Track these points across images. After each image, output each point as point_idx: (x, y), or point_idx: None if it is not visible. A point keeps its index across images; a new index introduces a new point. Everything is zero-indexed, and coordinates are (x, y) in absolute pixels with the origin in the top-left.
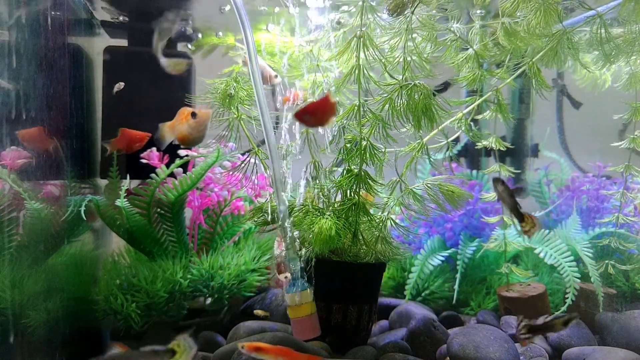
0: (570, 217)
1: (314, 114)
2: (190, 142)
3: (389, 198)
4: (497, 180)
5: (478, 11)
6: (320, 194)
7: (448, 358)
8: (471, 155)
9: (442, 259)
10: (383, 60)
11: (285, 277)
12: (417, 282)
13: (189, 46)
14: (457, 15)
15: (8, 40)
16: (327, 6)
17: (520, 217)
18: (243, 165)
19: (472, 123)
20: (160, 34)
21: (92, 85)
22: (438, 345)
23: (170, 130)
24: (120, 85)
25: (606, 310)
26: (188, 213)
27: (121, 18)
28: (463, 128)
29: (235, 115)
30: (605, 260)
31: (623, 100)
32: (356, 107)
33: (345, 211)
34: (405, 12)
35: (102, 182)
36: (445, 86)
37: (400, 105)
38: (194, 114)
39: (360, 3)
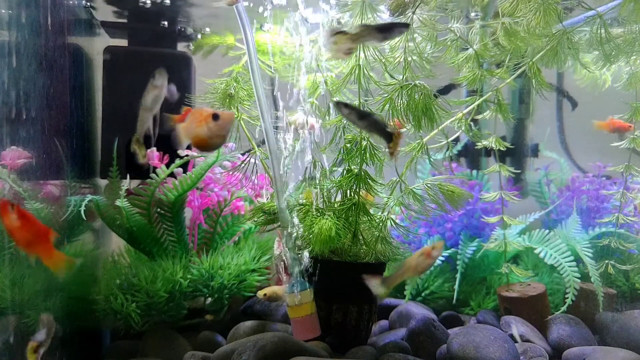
0: (570, 217)
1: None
2: (208, 147)
3: (389, 198)
4: (338, 105)
5: (473, 14)
6: (320, 193)
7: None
8: (471, 155)
9: (442, 259)
10: (383, 60)
11: (265, 295)
12: (417, 282)
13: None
14: (457, 15)
15: (8, 39)
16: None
17: (388, 136)
18: (243, 165)
19: (472, 123)
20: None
21: (92, 85)
22: (438, 345)
23: (185, 132)
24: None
25: (606, 310)
26: (188, 213)
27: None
28: (463, 128)
29: (235, 115)
30: (605, 260)
31: (623, 100)
32: None
33: (345, 211)
34: (406, 12)
35: (102, 182)
36: (448, 89)
37: (400, 105)
38: (215, 116)
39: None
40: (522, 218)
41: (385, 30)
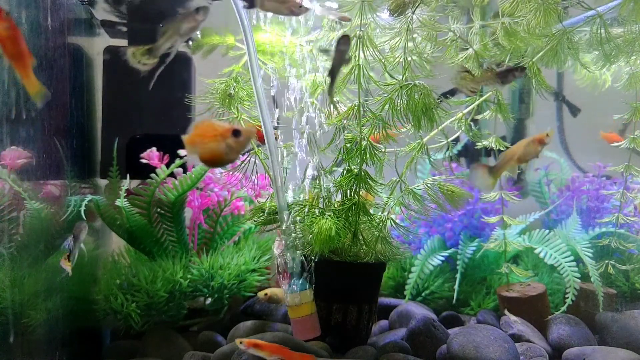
0: (570, 217)
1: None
2: (222, 163)
3: (389, 198)
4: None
5: (464, 22)
6: (320, 193)
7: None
8: (471, 155)
9: (442, 259)
10: (383, 60)
11: (265, 295)
12: (417, 282)
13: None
14: (457, 15)
15: None
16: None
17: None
18: (243, 165)
19: (472, 123)
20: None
21: (92, 85)
22: (438, 345)
23: (192, 147)
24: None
25: (606, 310)
26: (188, 213)
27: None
28: (463, 128)
29: (235, 115)
30: (605, 260)
31: (623, 100)
32: (356, 107)
33: (345, 211)
34: (406, 12)
35: (102, 182)
36: (452, 92)
37: (400, 105)
38: (236, 132)
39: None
40: (522, 218)
41: (504, 77)
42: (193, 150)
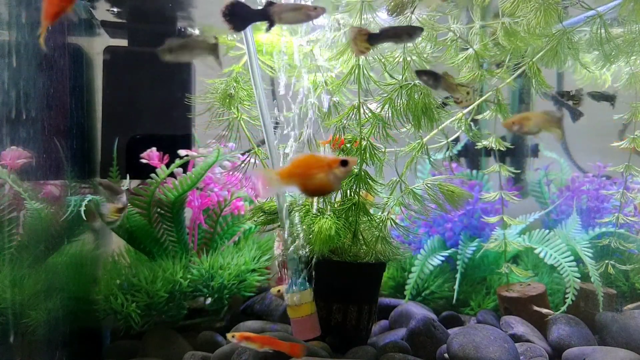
0: (570, 217)
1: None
2: (326, 193)
3: (389, 198)
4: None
5: (463, 22)
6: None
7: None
8: (471, 155)
9: (442, 259)
10: (383, 60)
11: (278, 291)
12: (417, 282)
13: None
14: (457, 15)
15: (8, 39)
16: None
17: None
18: (243, 165)
19: (472, 123)
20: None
21: (92, 85)
22: (438, 345)
23: (290, 179)
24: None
25: (606, 310)
26: (188, 213)
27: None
28: (463, 128)
29: (235, 115)
30: (605, 260)
31: (623, 101)
32: (356, 107)
33: (345, 211)
34: (405, 12)
35: None
36: None
37: (400, 105)
38: (344, 162)
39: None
40: (522, 218)
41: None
42: (290, 182)
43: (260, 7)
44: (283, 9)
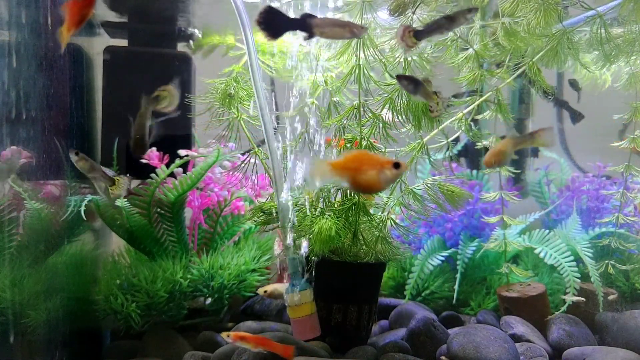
0: (570, 217)
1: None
2: (374, 191)
3: (389, 198)
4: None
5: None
6: (321, 193)
7: (443, 358)
8: (471, 155)
9: (442, 259)
10: (383, 60)
11: (265, 292)
12: (417, 282)
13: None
14: None
15: (8, 39)
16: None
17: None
18: (243, 165)
19: (472, 123)
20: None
21: (92, 85)
22: (438, 345)
23: (342, 172)
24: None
25: (606, 310)
26: (188, 213)
27: None
28: (463, 128)
29: (235, 115)
30: (605, 260)
31: (623, 101)
32: (356, 107)
33: (345, 211)
34: (406, 12)
35: None
36: (456, 96)
37: (400, 105)
38: (397, 165)
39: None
40: (522, 218)
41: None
42: (341, 175)
43: (298, 17)
44: (327, 23)
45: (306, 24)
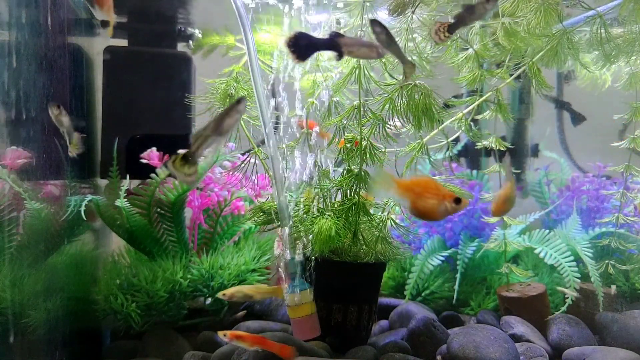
0: (570, 217)
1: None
2: (430, 219)
3: (389, 198)
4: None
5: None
6: (320, 193)
7: (439, 358)
8: (471, 155)
9: (442, 259)
10: (383, 60)
11: (224, 295)
12: (417, 282)
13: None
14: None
15: (8, 40)
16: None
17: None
18: (243, 165)
19: (472, 123)
20: None
21: (92, 85)
22: (438, 345)
23: (406, 193)
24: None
25: (606, 310)
26: (188, 213)
27: None
28: (463, 128)
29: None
30: (605, 260)
31: (623, 100)
32: (356, 107)
33: (345, 211)
34: (406, 12)
35: (102, 182)
36: (458, 97)
37: (400, 105)
38: (458, 200)
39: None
40: (522, 218)
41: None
42: (403, 195)
43: (327, 37)
44: (356, 43)
45: (335, 44)
